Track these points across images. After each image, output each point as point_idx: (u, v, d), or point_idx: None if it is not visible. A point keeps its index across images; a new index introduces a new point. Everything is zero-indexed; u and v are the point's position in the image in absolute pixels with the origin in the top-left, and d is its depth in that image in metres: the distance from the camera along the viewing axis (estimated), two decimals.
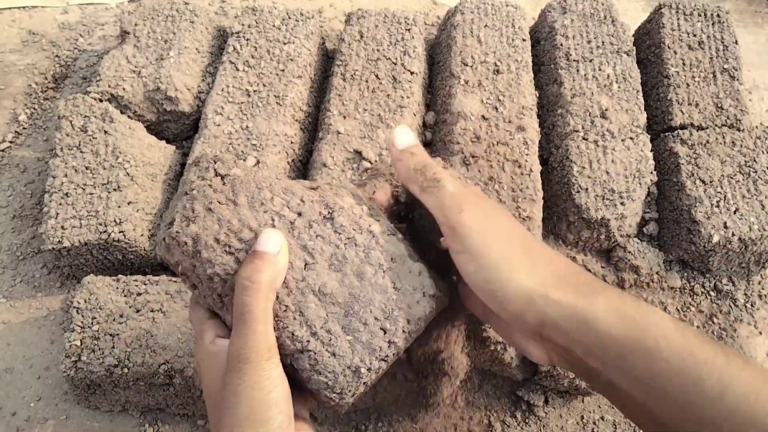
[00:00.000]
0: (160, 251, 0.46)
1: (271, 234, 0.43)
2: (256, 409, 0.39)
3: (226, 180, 0.46)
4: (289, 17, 1.00)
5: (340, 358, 0.43)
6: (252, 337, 0.40)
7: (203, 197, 0.45)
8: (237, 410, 0.39)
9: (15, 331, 0.82)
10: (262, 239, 0.43)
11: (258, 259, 0.42)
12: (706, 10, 1.01)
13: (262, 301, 0.41)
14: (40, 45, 1.13)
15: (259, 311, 0.41)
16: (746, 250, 0.84)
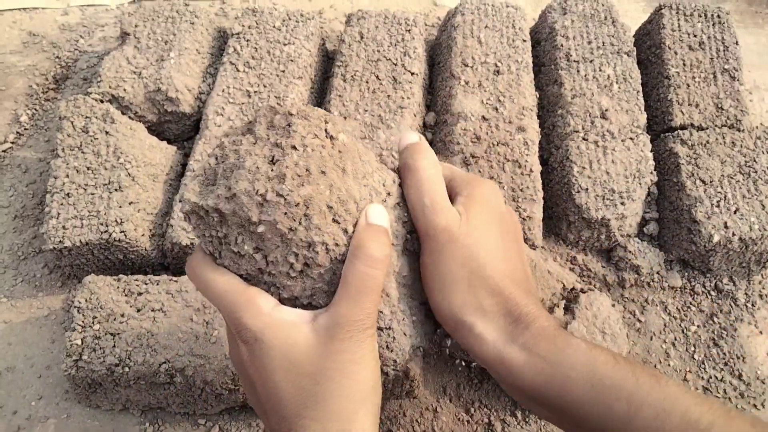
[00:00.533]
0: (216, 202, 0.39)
1: (379, 209, 0.41)
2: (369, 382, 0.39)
3: (335, 144, 0.42)
4: (290, 18, 1.00)
5: (410, 337, 0.44)
6: (373, 308, 0.40)
7: (319, 158, 0.40)
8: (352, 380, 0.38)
9: (16, 331, 0.82)
10: (375, 212, 0.41)
11: (380, 233, 0.40)
12: (707, 11, 1.02)
13: (384, 276, 0.40)
14: (40, 46, 1.13)
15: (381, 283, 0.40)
16: (747, 250, 0.84)
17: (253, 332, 0.39)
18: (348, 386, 0.38)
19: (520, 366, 0.41)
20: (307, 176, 0.39)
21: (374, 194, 0.43)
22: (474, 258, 0.42)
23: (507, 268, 0.44)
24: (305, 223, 0.39)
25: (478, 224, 0.43)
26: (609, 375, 0.40)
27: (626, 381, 0.39)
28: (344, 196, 0.40)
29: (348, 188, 0.41)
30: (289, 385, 0.39)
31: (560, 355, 0.41)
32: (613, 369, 0.40)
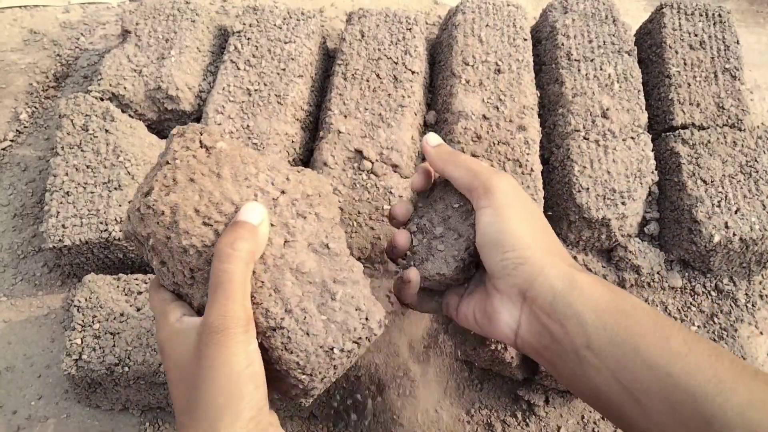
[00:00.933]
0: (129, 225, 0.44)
1: (254, 205, 0.43)
2: (234, 383, 0.38)
3: (211, 152, 0.45)
4: (290, 16, 1.00)
5: (314, 337, 0.42)
6: (231, 306, 0.39)
7: (186, 167, 0.43)
8: (214, 384, 0.38)
9: (16, 330, 0.82)
10: (245, 210, 0.42)
11: (240, 228, 0.41)
12: (708, 10, 1.01)
13: (242, 269, 0.40)
14: (41, 44, 1.13)
15: (239, 279, 0.40)
16: (747, 250, 0.84)
17: (160, 342, 0.43)
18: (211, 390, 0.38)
19: (591, 287, 0.44)
20: (173, 185, 0.42)
21: (260, 193, 0.44)
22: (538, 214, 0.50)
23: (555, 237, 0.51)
24: (175, 230, 0.42)
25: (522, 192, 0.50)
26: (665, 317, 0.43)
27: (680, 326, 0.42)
28: (217, 198, 0.43)
29: (223, 191, 0.43)
30: (178, 391, 0.41)
31: (626, 292, 0.45)
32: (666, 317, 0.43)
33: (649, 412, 0.40)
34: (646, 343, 0.40)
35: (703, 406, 0.37)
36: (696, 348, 0.40)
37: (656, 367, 0.39)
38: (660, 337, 0.41)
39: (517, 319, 0.47)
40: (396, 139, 0.85)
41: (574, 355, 0.43)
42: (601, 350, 0.42)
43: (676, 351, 0.40)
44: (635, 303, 0.43)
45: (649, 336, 0.41)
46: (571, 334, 0.43)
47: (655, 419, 0.39)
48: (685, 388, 0.38)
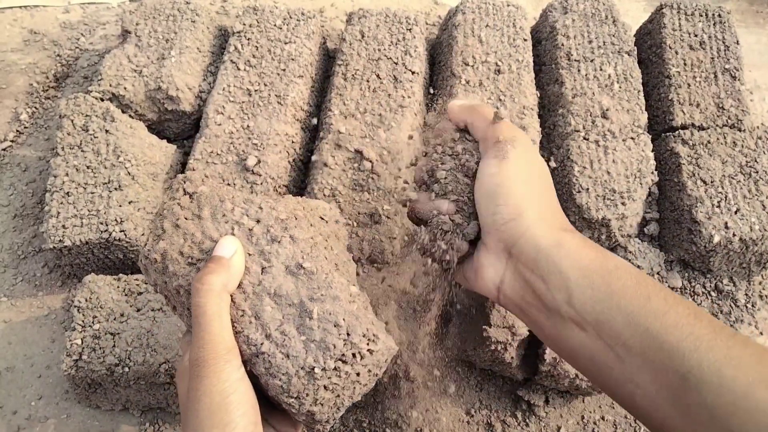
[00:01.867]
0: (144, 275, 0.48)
1: (227, 240, 0.44)
2: (216, 413, 0.39)
3: (194, 197, 0.48)
4: (291, 17, 1.00)
5: (294, 358, 0.42)
6: (207, 338, 0.40)
7: (171, 215, 0.47)
8: (198, 415, 0.39)
9: (16, 330, 0.82)
10: (218, 245, 0.44)
11: (211, 263, 0.43)
12: (708, 11, 1.01)
13: (215, 301, 0.41)
14: (41, 44, 1.13)
15: (212, 312, 0.41)
16: (747, 251, 0.84)
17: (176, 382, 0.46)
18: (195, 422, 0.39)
19: (577, 247, 0.45)
20: (162, 234, 0.46)
21: (236, 226, 0.47)
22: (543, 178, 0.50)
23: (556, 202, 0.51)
24: (167, 273, 0.45)
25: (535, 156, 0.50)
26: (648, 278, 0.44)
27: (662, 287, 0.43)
28: (198, 238, 0.46)
29: (204, 230, 0.46)
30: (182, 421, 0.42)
31: (607, 252, 0.46)
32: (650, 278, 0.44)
33: (628, 368, 0.41)
34: (627, 300, 0.41)
35: (680, 362, 0.38)
36: (676, 307, 0.41)
37: (636, 323, 0.40)
38: (641, 296, 0.41)
39: (501, 275, 0.47)
40: (396, 140, 0.85)
41: (556, 311, 0.44)
42: (582, 307, 0.42)
43: (656, 309, 0.40)
44: (619, 263, 0.44)
45: (631, 294, 0.41)
46: (552, 290, 0.44)
47: (634, 375, 0.40)
48: (662, 345, 0.39)
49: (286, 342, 0.42)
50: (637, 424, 0.78)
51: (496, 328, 0.69)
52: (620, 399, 0.43)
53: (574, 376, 0.70)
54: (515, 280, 0.47)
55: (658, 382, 0.39)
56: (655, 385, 0.39)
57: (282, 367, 0.42)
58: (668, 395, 0.39)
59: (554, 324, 0.45)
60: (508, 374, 0.77)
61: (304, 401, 0.42)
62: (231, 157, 0.85)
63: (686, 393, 0.38)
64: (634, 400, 0.41)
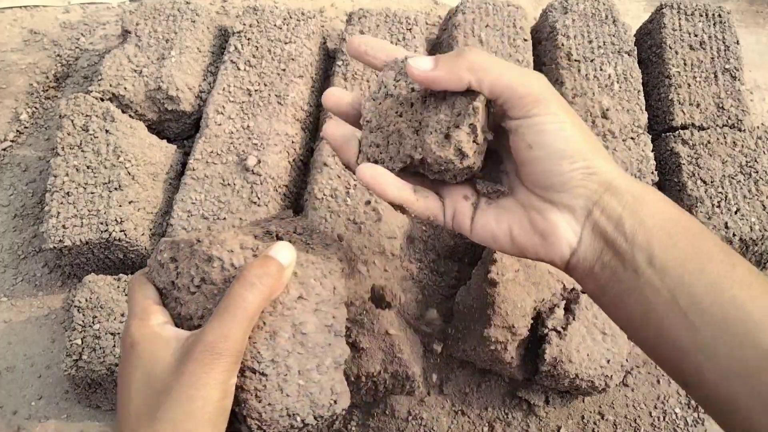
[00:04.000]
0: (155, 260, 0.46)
1: (286, 246, 0.42)
2: (208, 412, 0.37)
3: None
4: (291, 17, 1.00)
5: (286, 396, 0.42)
6: (235, 332, 0.38)
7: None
8: (189, 405, 0.37)
9: (16, 330, 0.82)
10: (278, 247, 0.42)
11: (271, 265, 0.41)
12: (708, 11, 1.01)
13: (259, 303, 0.40)
14: (41, 44, 1.13)
15: (253, 311, 0.39)
16: (747, 251, 0.84)
17: (132, 339, 0.41)
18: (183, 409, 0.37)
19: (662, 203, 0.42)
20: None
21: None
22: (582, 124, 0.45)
23: None
24: (211, 237, 0.43)
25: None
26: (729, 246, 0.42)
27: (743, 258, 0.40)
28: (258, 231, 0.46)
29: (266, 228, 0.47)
30: (139, 398, 0.39)
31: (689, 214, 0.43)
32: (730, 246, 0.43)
33: (701, 337, 0.38)
34: (712, 264, 0.39)
35: (764, 337, 0.36)
36: (759, 279, 0.38)
37: (720, 290, 0.38)
38: (727, 262, 0.39)
39: (579, 235, 0.43)
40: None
41: (633, 272, 0.40)
42: (664, 267, 0.39)
43: (741, 278, 0.38)
44: (702, 226, 0.42)
45: (716, 258, 0.39)
46: (635, 249, 0.40)
47: (707, 345, 0.38)
48: (747, 315, 0.37)
49: (287, 377, 0.42)
50: (637, 423, 0.78)
51: (496, 328, 0.69)
52: (684, 371, 0.40)
53: (574, 376, 0.70)
54: (594, 239, 0.42)
55: (734, 356, 0.36)
56: (730, 358, 0.36)
57: (272, 397, 0.41)
58: (743, 370, 0.36)
59: (627, 287, 0.41)
60: (508, 374, 0.77)
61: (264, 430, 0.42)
62: (231, 157, 0.85)
63: (764, 371, 0.35)
64: (701, 373, 0.38)
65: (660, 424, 0.78)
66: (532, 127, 0.43)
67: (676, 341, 0.39)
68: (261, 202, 0.82)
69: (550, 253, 0.44)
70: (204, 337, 0.38)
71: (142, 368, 0.40)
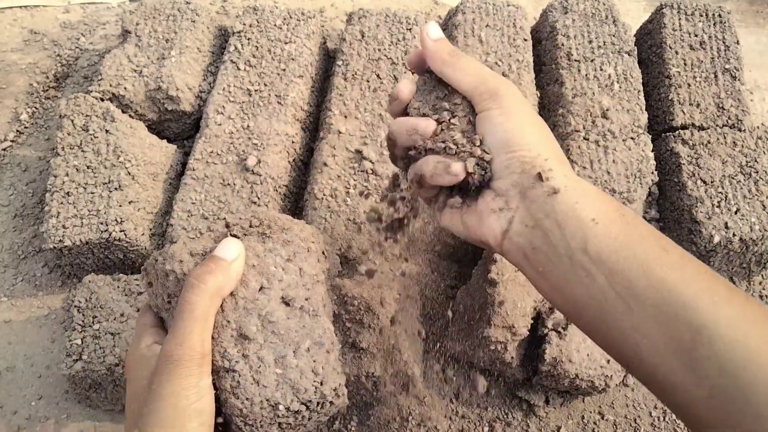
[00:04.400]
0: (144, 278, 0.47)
1: (231, 242, 0.43)
2: (178, 417, 0.38)
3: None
4: (291, 17, 1.00)
5: (263, 388, 0.42)
6: (188, 337, 0.39)
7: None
8: (158, 415, 0.38)
9: (16, 330, 0.82)
10: (221, 245, 0.43)
11: (212, 262, 0.42)
12: (708, 10, 1.01)
13: (206, 302, 0.40)
14: (41, 44, 1.13)
15: (201, 312, 0.40)
16: (747, 251, 0.84)
17: (126, 366, 0.44)
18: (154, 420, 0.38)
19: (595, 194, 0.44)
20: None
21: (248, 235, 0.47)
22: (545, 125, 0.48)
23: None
24: (164, 253, 0.44)
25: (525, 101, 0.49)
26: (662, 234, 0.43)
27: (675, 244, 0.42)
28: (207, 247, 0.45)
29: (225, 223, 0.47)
30: (130, 416, 0.41)
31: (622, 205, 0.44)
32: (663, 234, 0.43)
33: (637, 318, 0.40)
34: (644, 250, 0.40)
35: (695, 315, 0.37)
36: (692, 262, 0.40)
37: (653, 273, 0.39)
38: (659, 247, 0.41)
39: (510, 218, 0.45)
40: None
41: (567, 258, 0.42)
42: (597, 254, 0.41)
43: (673, 261, 0.40)
44: (636, 216, 0.43)
45: (648, 245, 0.41)
46: (567, 236, 0.42)
47: (642, 326, 0.39)
48: (678, 296, 0.38)
49: (261, 369, 0.42)
50: (637, 423, 0.78)
51: (496, 328, 0.69)
52: (623, 352, 0.42)
53: (574, 376, 0.70)
54: (525, 225, 0.44)
55: (668, 334, 0.38)
56: (665, 336, 0.38)
57: (249, 391, 0.41)
58: (677, 347, 0.38)
59: (563, 272, 0.43)
60: (508, 374, 0.77)
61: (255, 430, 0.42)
62: (231, 157, 0.85)
63: (697, 346, 0.37)
64: (639, 352, 0.40)
65: (660, 424, 0.78)
66: (483, 119, 0.46)
67: (614, 323, 0.41)
68: (261, 202, 0.82)
69: (484, 233, 0.47)
70: (163, 348, 0.40)
71: (132, 390, 0.42)
